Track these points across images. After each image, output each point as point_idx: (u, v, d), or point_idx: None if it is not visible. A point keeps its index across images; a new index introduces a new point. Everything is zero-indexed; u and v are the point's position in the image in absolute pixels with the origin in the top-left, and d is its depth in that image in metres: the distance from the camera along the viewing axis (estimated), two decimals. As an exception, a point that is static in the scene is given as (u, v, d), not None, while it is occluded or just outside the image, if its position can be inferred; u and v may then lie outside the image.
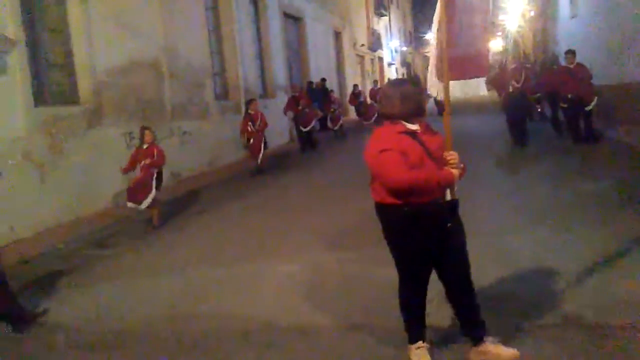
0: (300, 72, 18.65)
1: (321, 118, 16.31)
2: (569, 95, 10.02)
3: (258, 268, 5.25)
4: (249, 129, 10.69)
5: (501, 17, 33.57)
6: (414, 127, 2.98)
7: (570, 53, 10.17)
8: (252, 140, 10.68)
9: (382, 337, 3.56)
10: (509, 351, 3.05)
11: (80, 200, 7.69)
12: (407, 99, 2.96)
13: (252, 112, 10.80)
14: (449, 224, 2.96)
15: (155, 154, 7.26)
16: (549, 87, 11.50)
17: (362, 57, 28.22)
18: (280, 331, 3.85)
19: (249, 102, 11.11)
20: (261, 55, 15.21)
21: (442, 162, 2.96)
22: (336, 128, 16.18)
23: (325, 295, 4.41)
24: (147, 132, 7.31)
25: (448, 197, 2.98)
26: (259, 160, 10.73)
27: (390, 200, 2.93)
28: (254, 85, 14.16)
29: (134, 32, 9.24)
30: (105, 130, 8.37)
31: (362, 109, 18.93)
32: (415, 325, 3.16)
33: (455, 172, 2.96)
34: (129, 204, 7.20)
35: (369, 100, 19.71)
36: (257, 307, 4.33)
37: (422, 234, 2.94)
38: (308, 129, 13.89)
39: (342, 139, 16.02)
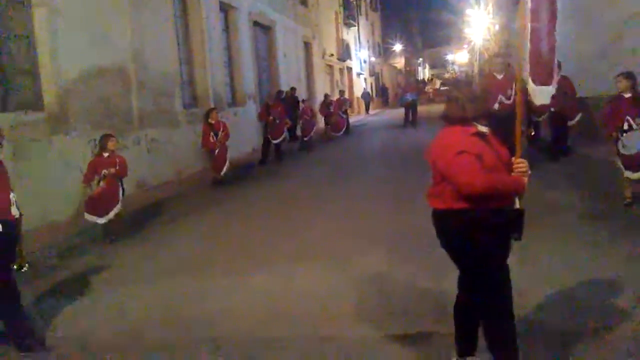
0: (270, 81, 18.66)
1: (290, 128, 16.23)
2: (552, 109, 9.40)
3: (228, 278, 5.23)
4: (212, 139, 10.37)
5: (467, 30, 34.38)
6: (484, 129, 2.88)
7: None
8: (217, 152, 10.37)
9: (356, 346, 3.61)
10: None
11: (43, 208, 7.50)
12: (476, 99, 2.88)
13: (213, 122, 10.47)
14: (516, 235, 2.82)
15: (117, 163, 7.03)
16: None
17: (331, 67, 28.43)
18: (249, 343, 3.85)
19: (208, 112, 10.73)
20: (230, 64, 15.17)
21: (509, 169, 2.85)
22: (306, 139, 15.81)
23: (294, 305, 4.43)
24: (111, 139, 7.05)
25: (517, 205, 2.87)
26: (223, 172, 10.46)
27: (459, 205, 2.79)
28: (222, 93, 14.10)
29: (102, 39, 9.11)
30: (70, 138, 8.21)
31: (332, 120, 18.67)
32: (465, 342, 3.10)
33: (525, 179, 2.84)
34: (88, 217, 6.87)
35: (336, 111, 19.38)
36: (226, 317, 4.32)
37: (491, 240, 2.80)
38: (277, 141, 13.46)
39: (307, 150, 15.52)
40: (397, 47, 49.00)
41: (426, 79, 60.42)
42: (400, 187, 9.12)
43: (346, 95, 22.98)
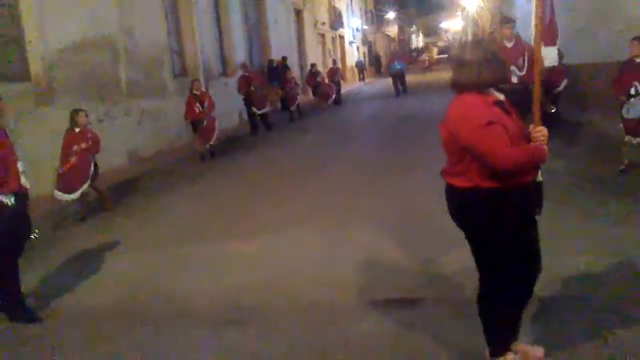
0: (261, 50, 18.45)
1: (283, 98, 16.13)
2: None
3: (217, 247, 5.29)
4: (197, 110, 10.21)
5: (460, -3, 33.87)
6: (501, 96, 2.58)
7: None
8: (205, 123, 10.22)
9: (341, 312, 3.68)
10: (535, 350, 2.84)
11: (29, 180, 7.46)
12: (493, 62, 2.52)
13: (198, 93, 10.33)
14: (538, 210, 2.63)
15: (90, 138, 6.81)
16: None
17: (323, 36, 28.09)
18: (234, 310, 3.91)
19: (191, 83, 10.61)
20: (220, 33, 14.97)
21: (527, 139, 2.60)
22: (292, 108, 15.60)
23: (280, 273, 4.49)
24: (80, 114, 6.80)
25: (540, 177, 2.64)
26: (213, 140, 10.40)
27: (488, 184, 2.49)
28: (213, 63, 13.95)
29: (88, 9, 8.94)
30: (56, 109, 8.13)
31: (320, 90, 18.29)
32: (512, 332, 2.76)
33: (546, 149, 2.57)
34: (57, 194, 6.63)
35: (326, 80, 19.17)
36: (218, 285, 4.38)
37: (521, 218, 2.58)
38: (263, 111, 13.34)
39: (298, 120, 15.42)
40: (390, 15, 48.34)
41: (420, 48, 59.81)
42: (388, 156, 9.15)
43: (339, 65, 22.76)
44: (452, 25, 56.99)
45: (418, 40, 66.43)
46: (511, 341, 2.77)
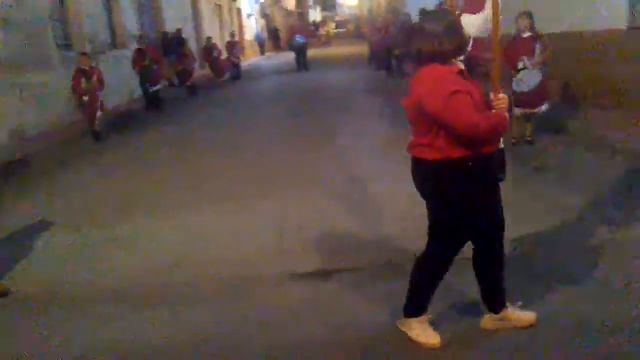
0: (154, 21, 17.51)
1: (179, 73, 15.48)
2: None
3: (126, 228, 5.08)
4: (83, 86, 9.38)
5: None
6: (462, 66, 2.62)
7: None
8: (86, 99, 9.41)
9: (258, 285, 3.66)
10: (528, 315, 2.93)
11: None
12: (455, 32, 2.54)
13: (86, 68, 9.49)
14: (502, 176, 2.66)
15: None
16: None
17: (219, 7, 27.23)
18: (156, 288, 3.76)
19: (78, 56, 9.87)
20: (109, 2, 13.97)
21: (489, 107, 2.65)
22: (189, 83, 15.03)
23: (197, 250, 4.38)
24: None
25: (501, 144, 2.69)
26: (95, 124, 9.56)
27: (457, 154, 2.53)
28: (101, 34, 13.03)
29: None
30: None
31: (216, 64, 17.71)
32: (428, 298, 2.87)
33: (508, 116, 2.64)
34: None
35: (224, 55, 18.63)
36: (130, 267, 4.18)
37: (487, 186, 2.64)
38: (157, 87, 12.68)
39: (192, 97, 14.84)
40: (288, -13, 47.81)
41: (317, 22, 60.00)
42: (296, 132, 9.16)
43: (236, 38, 22.18)
44: (348, 0, 57.70)
45: (316, 15, 66.55)
46: (425, 307, 2.88)
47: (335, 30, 52.19)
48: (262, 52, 32.82)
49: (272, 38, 40.31)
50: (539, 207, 4.60)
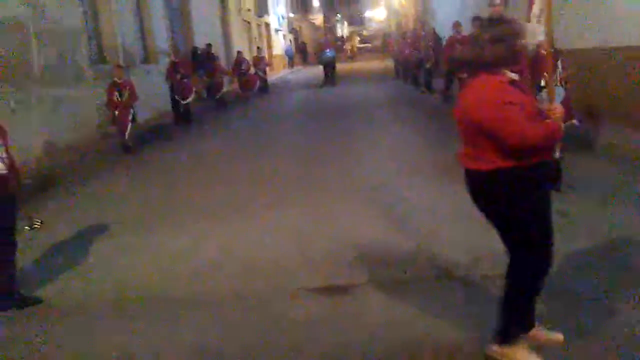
0: (184, 37, 17.86)
1: (209, 87, 15.76)
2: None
3: (148, 238, 5.14)
4: (115, 99, 9.63)
5: (384, -13, 34.39)
6: (515, 76, 2.57)
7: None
8: (117, 113, 9.63)
9: (273, 299, 3.64)
10: (555, 335, 2.79)
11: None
12: (504, 42, 2.48)
13: (119, 81, 9.76)
14: (558, 186, 2.67)
15: None
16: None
17: (248, 23, 27.64)
18: (171, 302, 3.79)
19: (113, 69, 10.09)
20: (141, 18, 14.32)
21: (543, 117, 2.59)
22: (217, 97, 15.31)
23: (210, 264, 4.41)
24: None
25: (556, 154, 2.74)
26: (126, 136, 9.73)
27: (507, 163, 2.48)
28: (133, 49, 13.34)
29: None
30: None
31: (244, 78, 17.87)
32: (531, 315, 2.70)
33: (562, 126, 2.57)
34: None
35: (252, 70, 18.83)
36: (150, 277, 4.23)
37: (540, 195, 2.58)
38: (187, 101, 12.83)
39: (220, 110, 15.00)
40: (316, 2, 48.37)
41: (345, 36, 60.37)
42: (323, 147, 9.18)
43: (264, 53, 22.46)
44: (376, 15, 57.94)
45: (343, 29, 67.00)
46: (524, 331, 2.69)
47: (361, 45, 52.36)
48: (292, 66, 33.32)
49: (300, 52, 40.74)
50: (565, 224, 4.49)
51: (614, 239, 4.12)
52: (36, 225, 4.09)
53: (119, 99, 9.70)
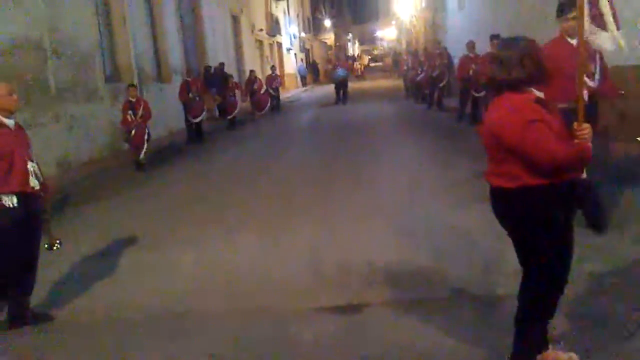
0: (197, 55, 18.08)
1: (221, 105, 15.85)
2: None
3: (158, 256, 5.13)
4: (129, 118, 9.72)
5: (394, 5, 34.75)
6: (541, 94, 2.54)
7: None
8: (133, 132, 9.69)
9: (289, 317, 3.61)
10: (569, 355, 2.72)
11: None
12: (529, 60, 2.46)
13: (133, 100, 9.87)
14: (583, 205, 2.63)
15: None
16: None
17: (261, 42, 27.95)
18: (183, 316, 3.77)
19: (127, 88, 10.20)
20: (155, 37, 14.53)
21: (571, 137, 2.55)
22: (229, 117, 15.33)
23: (227, 280, 4.38)
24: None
25: (584, 174, 2.67)
26: (142, 154, 9.78)
27: (535, 181, 2.46)
28: (148, 67, 13.52)
29: (13, 9, 8.44)
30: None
31: (255, 99, 17.84)
32: (545, 335, 2.67)
33: (591, 146, 2.54)
34: None
35: (264, 88, 18.82)
36: (158, 294, 4.22)
37: (565, 215, 2.55)
38: (198, 120, 12.92)
39: (232, 129, 15.05)
40: (327, 22, 48.83)
41: (355, 55, 60.80)
42: (326, 165, 9.18)
43: (277, 72, 22.64)
44: (387, 34, 58.32)
45: (354, 48, 67.50)
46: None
47: (372, 65, 52.64)
48: (304, 84, 33.62)
49: (312, 71, 41.07)
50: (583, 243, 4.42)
51: (634, 261, 4.04)
52: (56, 246, 4.06)
53: (133, 118, 9.79)
